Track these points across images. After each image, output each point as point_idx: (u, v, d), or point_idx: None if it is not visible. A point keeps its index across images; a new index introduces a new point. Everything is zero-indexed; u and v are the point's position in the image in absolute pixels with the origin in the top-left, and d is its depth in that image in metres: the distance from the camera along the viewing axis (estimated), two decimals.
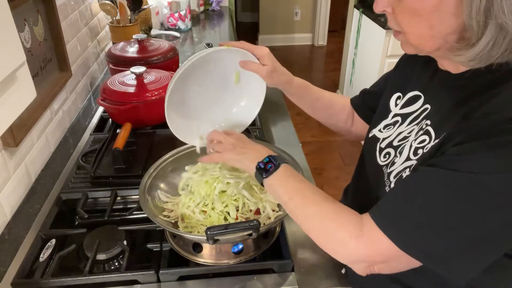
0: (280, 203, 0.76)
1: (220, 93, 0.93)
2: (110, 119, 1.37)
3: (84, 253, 0.86)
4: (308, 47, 5.09)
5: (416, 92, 0.74)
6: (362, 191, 0.82)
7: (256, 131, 1.26)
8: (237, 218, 0.85)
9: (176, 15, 2.29)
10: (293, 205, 0.70)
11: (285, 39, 5.08)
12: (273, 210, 0.87)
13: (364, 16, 2.91)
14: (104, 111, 1.40)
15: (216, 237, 0.72)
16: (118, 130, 1.21)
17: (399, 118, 0.77)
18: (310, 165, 1.18)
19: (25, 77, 0.76)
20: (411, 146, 0.68)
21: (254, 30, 5.22)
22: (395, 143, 0.74)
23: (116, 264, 0.86)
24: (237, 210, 0.86)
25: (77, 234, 0.91)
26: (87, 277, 0.79)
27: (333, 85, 3.84)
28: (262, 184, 0.74)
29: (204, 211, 0.87)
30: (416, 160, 0.65)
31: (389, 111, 0.80)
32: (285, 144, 1.24)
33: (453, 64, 0.64)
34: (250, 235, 0.74)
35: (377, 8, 0.62)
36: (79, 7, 1.56)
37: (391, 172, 0.71)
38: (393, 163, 0.72)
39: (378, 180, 0.74)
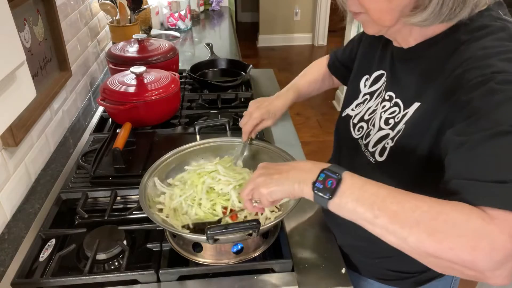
0: (361, 223, 0.57)
1: None
2: (110, 119, 1.37)
3: (84, 253, 0.86)
4: (308, 47, 5.09)
5: (380, 71, 0.83)
6: (344, 165, 0.74)
7: None
8: (225, 213, 0.85)
9: (176, 15, 2.29)
10: (386, 219, 0.53)
11: (285, 39, 5.07)
12: (272, 211, 0.88)
13: None
14: (104, 111, 1.40)
15: (216, 237, 0.72)
16: (118, 130, 1.21)
17: (367, 96, 0.85)
18: None
19: (25, 77, 0.76)
20: (381, 117, 0.76)
21: (254, 30, 5.22)
22: (366, 117, 0.82)
23: (116, 264, 0.86)
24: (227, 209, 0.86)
25: (77, 234, 0.91)
26: (87, 277, 0.79)
27: None
28: (327, 208, 0.59)
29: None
30: (390, 129, 0.72)
31: (359, 92, 0.88)
32: (285, 144, 1.24)
33: (405, 40, 0.72)
34: (250, 235, 0.74)
35: None
36: (79, 7, 1.56)
37: (368, 143, 0.78)
38: (368, 134, 0.79)
39: (356, 153, 0.80)
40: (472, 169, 0.53)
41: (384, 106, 0.76)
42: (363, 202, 0.55)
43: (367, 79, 0.87)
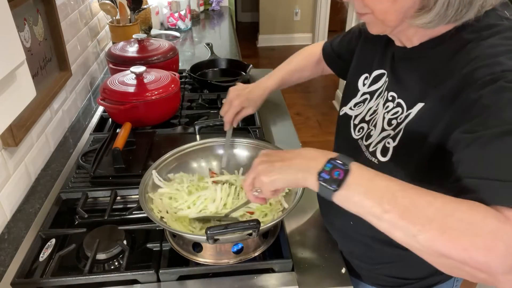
0: (367, 217, 0.54)
1: None
2: (110, 119, 1.37)
3: (84, 253, 0.86)
4: None
5: (381, 71, 0.81)
6: None
7: (256, 131, 1.26)
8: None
9: (176, 15, 2.29)
10: (396, 215, 0.50)
11: (285, 39, 5.07)
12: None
13: None
14: (104, 111, 1.40)
15: (216, 237, 0.72)
16: (118, 130, 1.21)
17: (367, 96, 0.84)
18: None
19: (25, 76, 0.76)
20: (384, 118, 0.75)
21: (254, 30, 5.22)
22: (367, 118, 0.81)
23: (116, 263, 0.86)
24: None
25: (77, 233, 0.91)
26: (87, 277, 0.79)
27: (333, 85, 3.84)
28: (331, 200, 0.56)
29: None
30: (392, 130, 0.72)
31: (358, 90, 0.87)
32: (285, 144, 1.24)
33: (409, 39, 0.71)
34: (250, 235, 0.74)
35: None
36: (79, 6, 1.56)
37: (369, 144, 0.77)
38: (369, 135, 0.78)
39: (356, 153, 0.79)
40: (485, 168, 0.51)
41: (387, 107, 0.75)
42: (371, 195, 0.52)
43: (366, 78, 0.85)
